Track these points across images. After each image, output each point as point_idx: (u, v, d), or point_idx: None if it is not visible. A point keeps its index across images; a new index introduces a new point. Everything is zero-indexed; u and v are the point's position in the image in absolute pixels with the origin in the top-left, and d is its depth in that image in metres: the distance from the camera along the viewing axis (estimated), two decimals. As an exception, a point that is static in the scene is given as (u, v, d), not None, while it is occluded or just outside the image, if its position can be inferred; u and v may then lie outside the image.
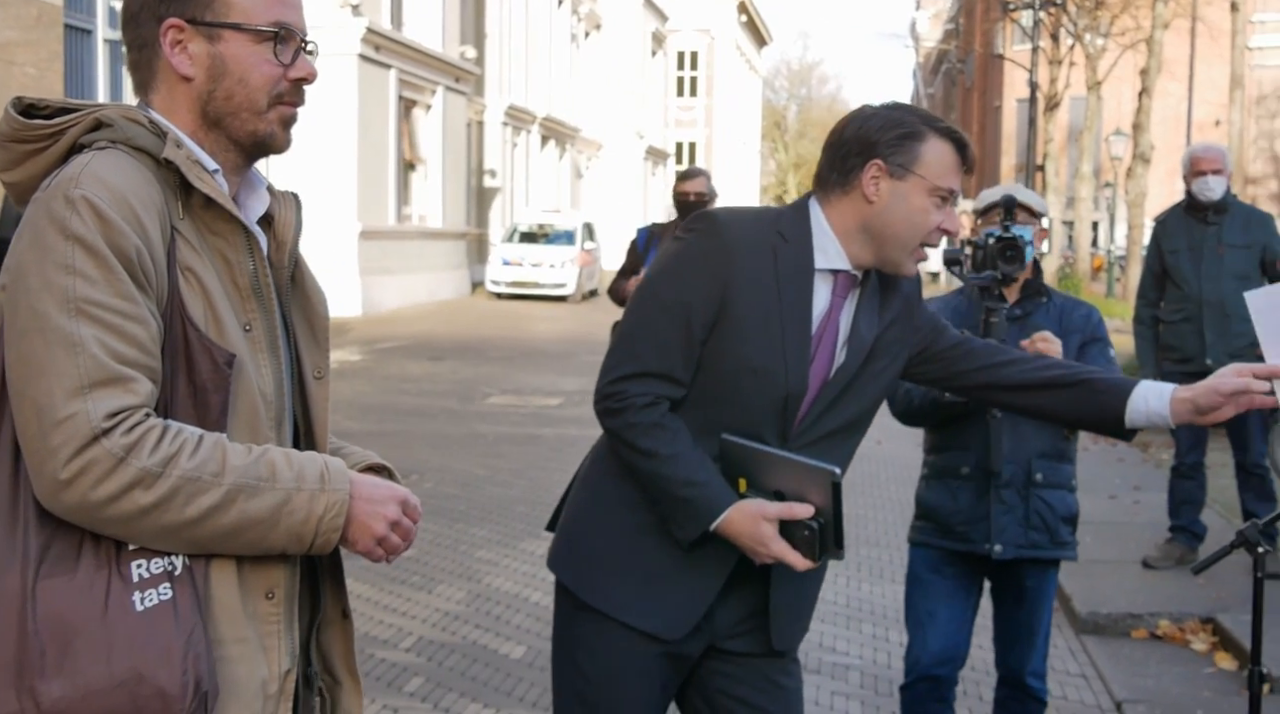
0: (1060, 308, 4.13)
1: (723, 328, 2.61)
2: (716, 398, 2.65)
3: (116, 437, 1.71)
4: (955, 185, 2.66)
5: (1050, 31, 32.71)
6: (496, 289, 29.62)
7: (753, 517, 2.57)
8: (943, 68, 71.56)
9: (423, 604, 6.40)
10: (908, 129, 2.65)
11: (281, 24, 1.98)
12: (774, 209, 2.77)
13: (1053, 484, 4.06)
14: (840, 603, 6.74)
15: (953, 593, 4.16)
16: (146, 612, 1.74)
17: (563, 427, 12.20)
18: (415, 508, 1.98)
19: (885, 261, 2.71)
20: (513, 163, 36.50)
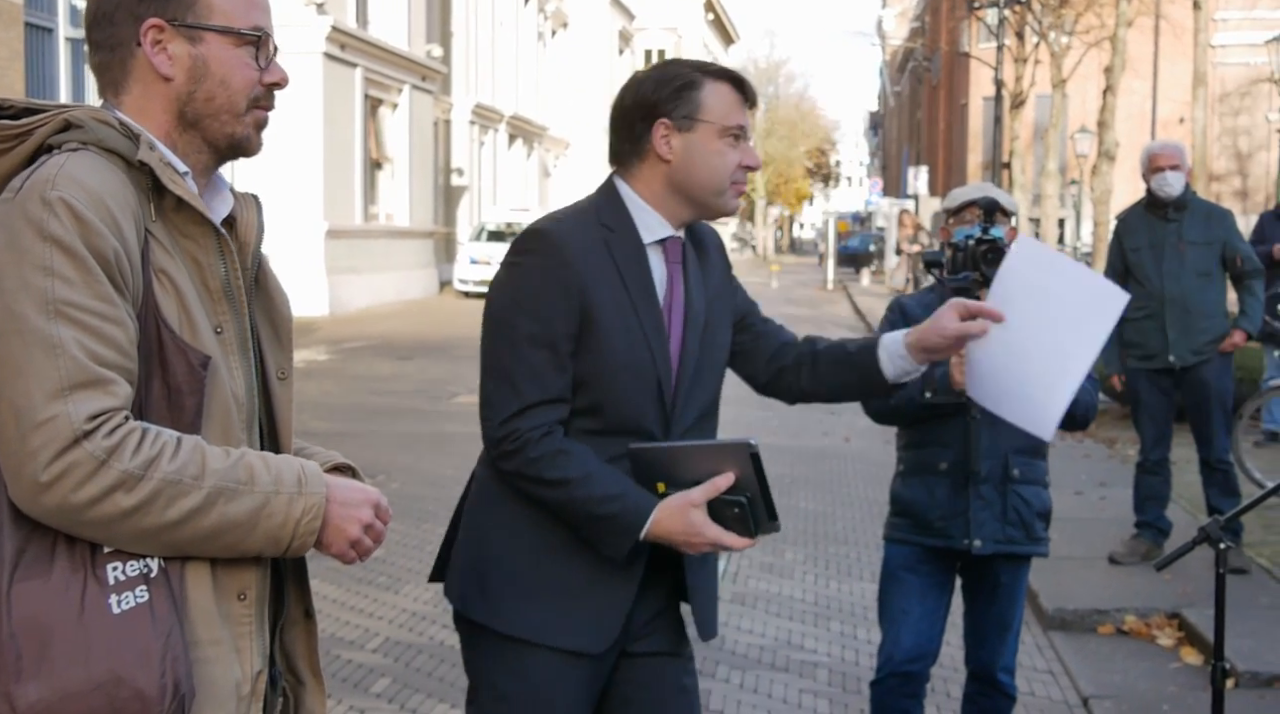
0: None
1: (587, 336, 2.60)
2: (596, 404, 2.63)
3: (98, 439, 1.70)
4: (743, 121, 2.71)
5: (1015, 29, 32.84)
6: (464, 288, 29.55)
7: (680, 510, 2.54)
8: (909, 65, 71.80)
9: (389, 605, 6.37)
10: (683, 80, 2.69)
11: (260, 28, 1.99)
12: (587, 201, 2.78)
13: (1029, 480, 4.08)
14: (809, 600, 6.75)
15: (927, 590, 4.17)
16: (123, 614, 1.74)
17: (531, 426, 12.16)
18: (386, 510, 2.00)
19: (704, 209, 2.73)
20: (480, 161, 36.44)
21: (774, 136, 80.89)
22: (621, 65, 51.64)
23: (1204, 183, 25.26)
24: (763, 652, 5.94)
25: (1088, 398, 3.97)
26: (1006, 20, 29.55)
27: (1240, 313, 7.03)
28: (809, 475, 10.01)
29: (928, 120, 65.06)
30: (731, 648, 5.96)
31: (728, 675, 5.61)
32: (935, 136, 62.22)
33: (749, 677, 5.61)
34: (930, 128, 64.20)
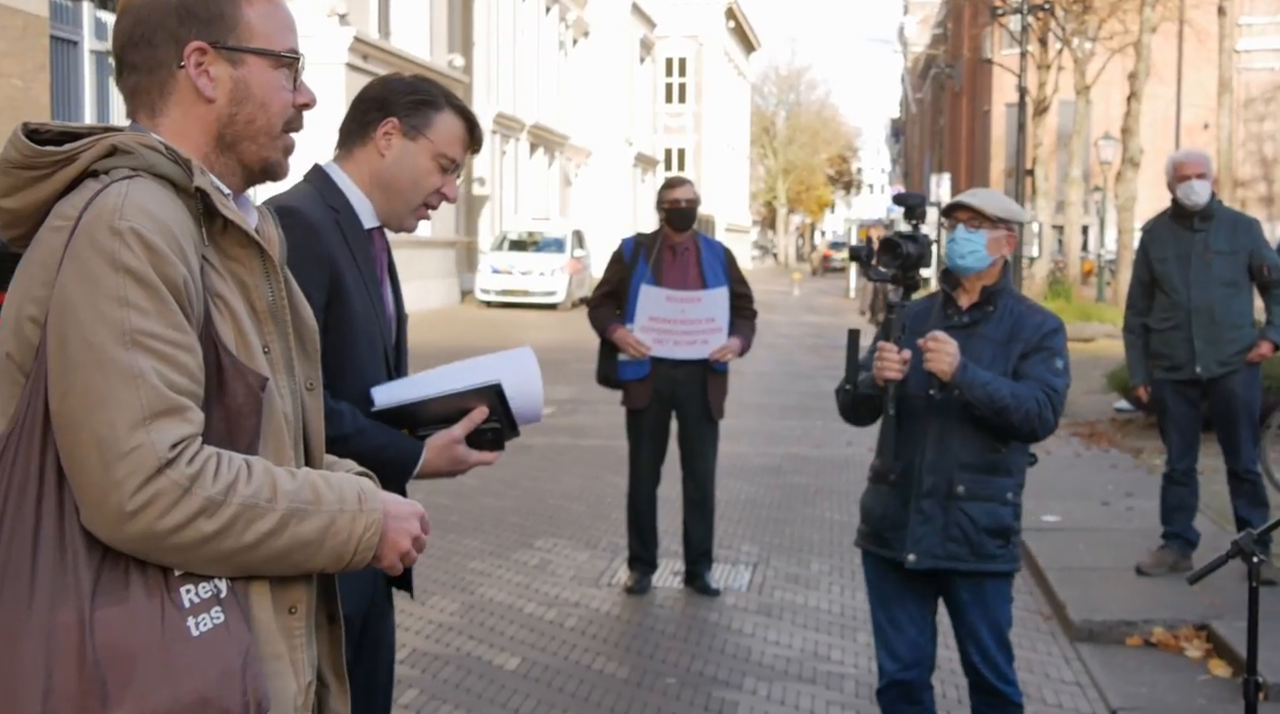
0: (1016, 316, 4.10)
1: (336, 307, 2.81)
2: (338, 371, 2.77)
3: (181, 466, 1.73)
4: (459, 157, 2.97)
5: (1039, 36, 32.77)
6: (486, 297, 29.61)
7: (445, 446, 2.84)
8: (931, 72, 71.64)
9: (416, 616, 6.37)
10: (426, 97, 2.96)
11: (295, 50, 2.02)
12: (304, 186, 2.98)
13: (977, 496, 4.03)
14: (835, 612, 6.73)
15: (904, 598, 4.19)
16: (202, 636, 1.77)
17: (554, 436, 12.17)
18: (428, 521, 2.06)
19: (390, 215, 2.98)
20: (501, 171, 36.49)
21: (795, 144, 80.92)
22: (643, 74, 51.70)
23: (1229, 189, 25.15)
24: (789, 663, 5.93)
25: (1031, 407, 3.93)
26: (1030, 26, 29.46)
27: (1267, 323, 6.98)
28: (833, 485, 9.99)
29: (950, 127, 64.93)
30: (758, 659, 5.95)
31: (754, 687, 5.60)
32: (957, 143, 62.08)
33: (775, 688, 5.60)
34: (952, 135, 64.06)
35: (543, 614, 6.51)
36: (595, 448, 11.39)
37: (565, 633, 6.22)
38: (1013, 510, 4.09)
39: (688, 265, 6.93)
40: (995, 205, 4.12)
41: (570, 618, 6.46)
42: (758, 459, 11.11)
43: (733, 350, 6.82)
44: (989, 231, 4.07)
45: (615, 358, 6.92)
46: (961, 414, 3.98)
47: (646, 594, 6.92)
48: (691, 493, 7.09)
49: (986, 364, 3.99)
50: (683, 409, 7.00)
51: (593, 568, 7.42)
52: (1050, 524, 8.28)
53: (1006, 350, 4.04)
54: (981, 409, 3.91)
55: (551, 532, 8.27)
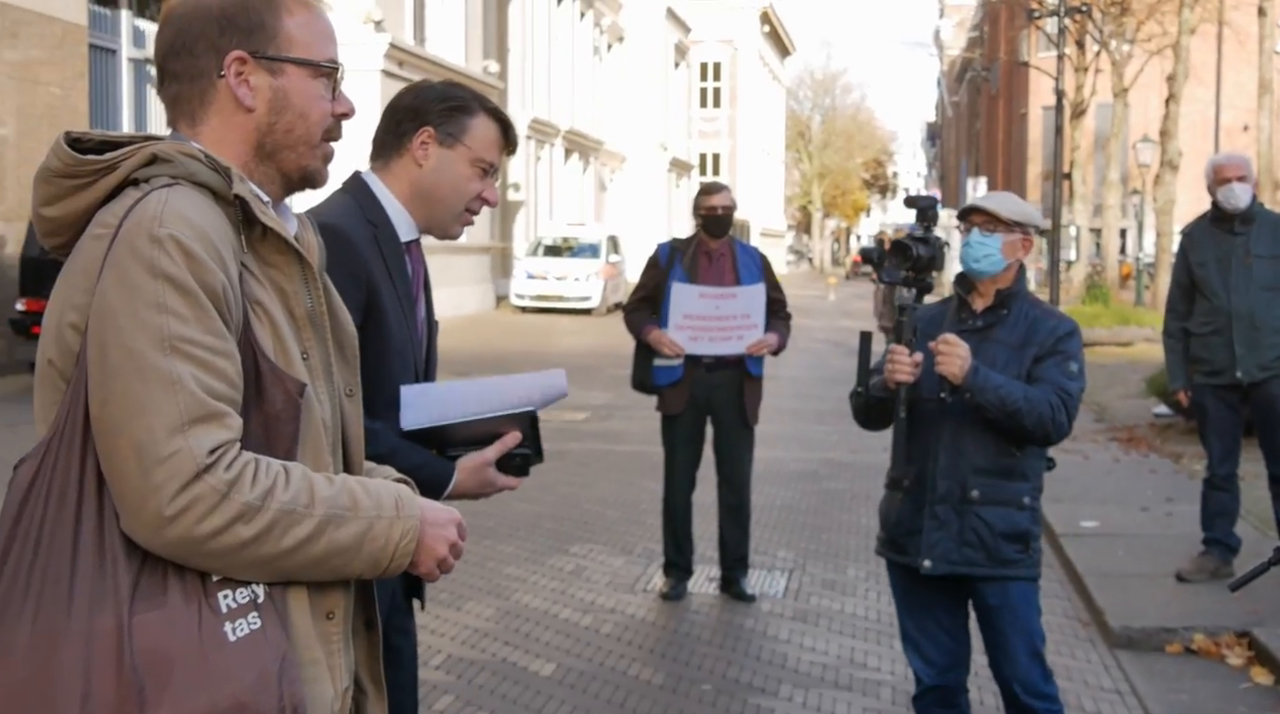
0: (1031, 320, 4.08)
1: (371, 323, 2.80)
2: (371, 387, 2.76)
3: (219, 472, 1.74)
4: (496, 160, 2.98)
5: (1076, 38, 32.59)
6: (521, 303, 29.65)
7: (477, 469, 2.82)
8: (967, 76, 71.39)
9: (452, 622, 6.38)
10: (459, 103, 2.95)
11: (334, 60, 2.03)
12: (344, 198, 2.96)
13: (993, 501, 4.01)
14: (871, 618, 6.70)
15: (932, 605, 4.17)
16: (240, 641, 1.77)
17: (589, 441, 12.18)
18: (465, 528, 2.06)
19: (433, 223, 2.99)
20: (536, 176, 36.55)
21: (831, 148, 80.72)
22: (677, 79, 51.70)
23: (1269, 191, 24.92)
24: (825, 670, 5.90)
25: (1044, 410, 3.90)
26: (1067, 29, 29.31)
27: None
28: (870, 491, 9.93)
29: (986, 131, 64.65)
30: (794, 666, 5.92)
31: (790, 694, 5.58)
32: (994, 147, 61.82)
33: (811, 695, 5.57)
34: (989, 138, 63.80)
35: (578, 620, 6.51)
36: (630, 453, 11.38)
37: (600, 639, 6.22)
38: (1030, 515, 4.06)
39: (724, 270, 6.92)
40: (1010, 209, 4.09)
41: (606, 624, 6.46)
42: (793, 464, 11.08)
43: (769, 345, 6.81)
44: (1004, 235, 4.05)
45: (650, 363, 6.91)
46: (975, 418, 3.96)
47: (682, 600, 6.91)
48: (727, 498, 7.07)
49: (1000, 368, 3.97)
50: (718, 414, 6.98)
51: (628, 574, 7.41)
52: (1089, 530, 8.22)
53: (1020, 354, 4.02)
54: (993, 412, 3.89)
55: (587, 537, 8.27)
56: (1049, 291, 23.91)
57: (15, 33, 15.08)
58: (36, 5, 15.27)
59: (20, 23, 15.11)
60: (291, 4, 1.99)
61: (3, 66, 14.93)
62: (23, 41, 15.18)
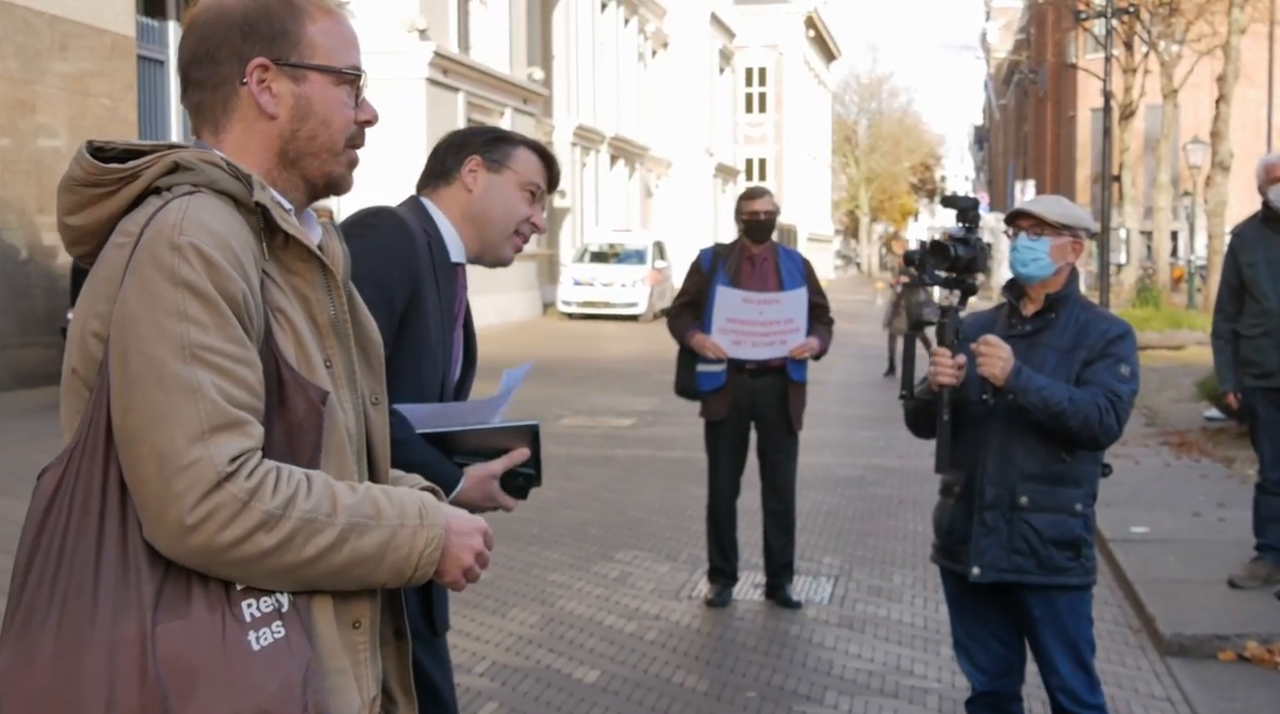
0: (1081, 323, 4.02)
1: (408, 323, 2.84)
2: (398, 385, 2.78)
3: (240, 480, 1.73)
4: (542, 184, 3.06)
5: (1124, 39, 32.31)
6: (568, 309, 29.70)
7: (483, 480, 2.82)
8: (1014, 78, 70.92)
9: (496, 628, 6.38)
10: (501, 134, 3.09)
11: (356, 67, 2.02)
12: (401, 208, 3.02)
13: (1043, 508, 3.96)
14: (918, 625, 6.64)
15: (983, 613, 4.14)
16: (263, 650, 1.77)
17: (635, 447, 12.17)
18: (492, 537, 2.05)
19: (487, 247, 3.06)
20: (582, 183, 36.60)
21: (877, 152, 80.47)
22: (722, 84, 51.64)
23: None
24: (871, 677, 5.85)
25: (1091, 413, 3.84)
26: (1114, 30, 29.06)
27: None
28: (917, 497, 9.87)
29: (1034, 133, 64.23)
30: (840, 673, 5.88)
31: (836, 702, 5.53)
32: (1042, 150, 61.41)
33: (857, 703, 5.53)
34: (1037, 141, 63.38)
35: (622, 627, 6.49)
36: (676, 460, 11.35)
37: (645, 646, 6.20)
38: (1082, 521, 4.00)
39: (766, 275, 6.89)
40: (1057, 212, 4.05)
41: (650, 631, 6.43)
42: (840, 470, 11.02)
43: (811, 348, 6.78)
44: (1052, 239, 4.00)
45: (693, 368, 6.89)
46: (1023, 424, 3.92)
47: (727, 607, 6.88)
48: (772, 505, 7.04)
49: (1049, 372, 3.92)
50: (762, 420, 6.95)
51: (673, 580, 7.39)
52: (1139, 535, 8.12)
53: (1070, 358, 3.97)
54: (1037, 415, 3.85)
55: (632, 544, 8.25)
56: (1099, 295, 23.68)
57: (65, 45, 15.24)
58: (86, 17, 15.43)
59: (70, 35, 15.27)
60: (314, 10, 1.99)
61: (54, 79, 15.08)
62: (73, 54, 15.34)
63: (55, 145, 14.85)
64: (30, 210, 14.51)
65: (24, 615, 1.76)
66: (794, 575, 7.08)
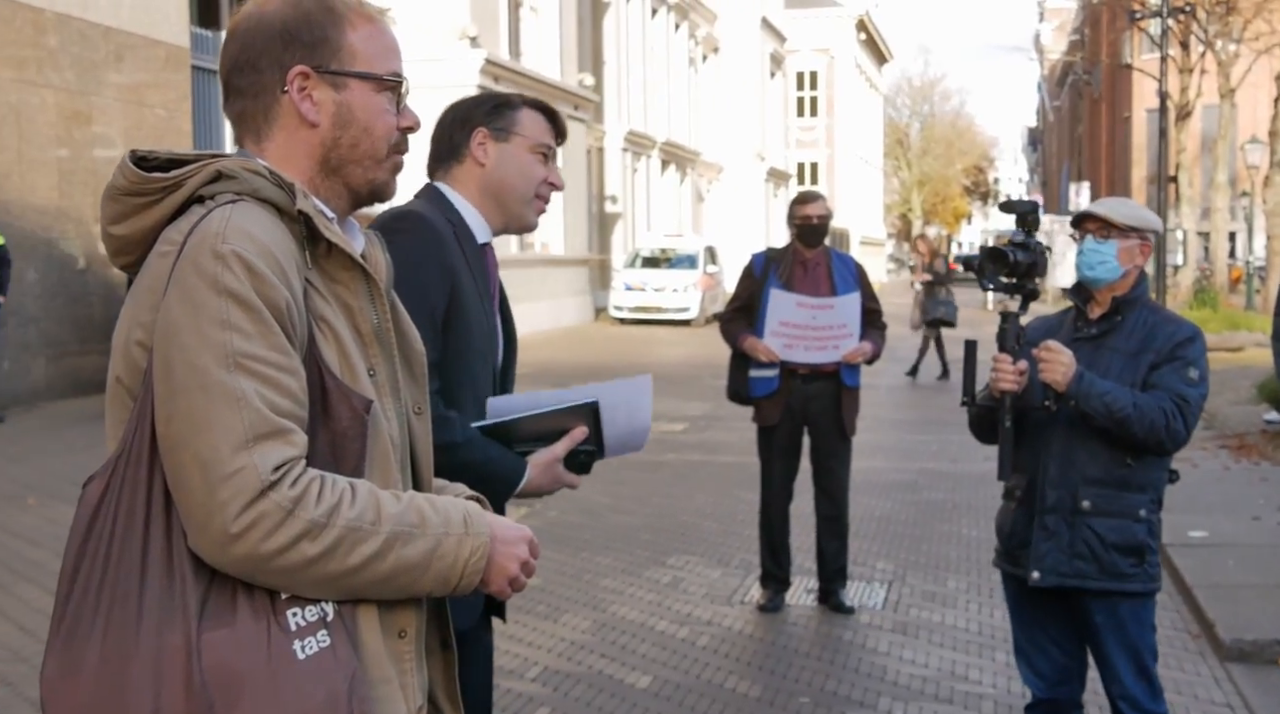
0: (1149, 326, 3.95)
1: (451, 317, 2.84)
2: (453, 381, 2.83)
3: (284, 489, 1.72)
4: (552, 143, 3.05)
5: (1180, 39, 31.97)
6: (620, 315, 29.72)
7: (547, 465, 2.84)
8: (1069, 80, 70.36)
9: (548, 634, 6.38)
10: (501, 100, 3.04)
11: (397, 74, 2.01)
12: (419, 202, 3.02)
13: (1106, 512, 3.89)
14: (972, 630, 6.58)
15: (1044, 619, 4.09)
16: (309, 659, 1.76)
17: (686, 452, 12.15)
18: (537, 546, 2.03)
19: (510, 217, 3.04)
20: (634, 188, 36.63)
21: (930, 155, 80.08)
22: (773, 89, 51.53)
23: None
24: (925, 683, 5.80)
25: (1156, 418, 3.78)
26: (1170, 30, 28.78)
27: None
28: (971, 501, 9.79)
29: (1089, 135, 63.68)
30: (893, 679, 5.83)
31: (890, 707, 5.49)
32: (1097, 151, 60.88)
33: (911, 708, 5.49)
34: (1092, 142, 62.84)
35: (675, 632, 6.47)
36: (729, 464, 11.33)
37: (697, 651, 6.18)
38: (1147, 527, 3.93)
39: (819, 280, 6.86)
40: (1124, 213, 3.98)
41: (702, 636, 6.41)
42: (893, 475, 10.95)
43: (865, 353, 6.75)
44: (1119, 241, 3.94)
45: (746, 373, 6.87)
46: (1086, 428, 3.86)
47: (779, 612, 6.85)
48: (825, 510, 7.00)
49: (1115, 376, 3.86)
50: (815, 425, 6.92)
51: (725, 585, 7.37)
52: (1198, 540, 8.02)
53: (1136, 361, 3.90)
54: (1101, 420, 3.79)
55: (684, 549, 8.23)
56: (1156, 297, 23.46)
57: (121, 56, 15.43)
58: (141, 29, 15.62)
59: (125, 46, 15.46)
60: (354, 17, 1.98)
61: (110, 89, 15.27)
62: (128, 65, 15.53)
63: (111, 156, 15.03)
64: (88, 220, 14.69)
65: (70, 624, 1.76)
66: (847, 580, 7.04)
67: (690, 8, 41.97)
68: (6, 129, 13.99)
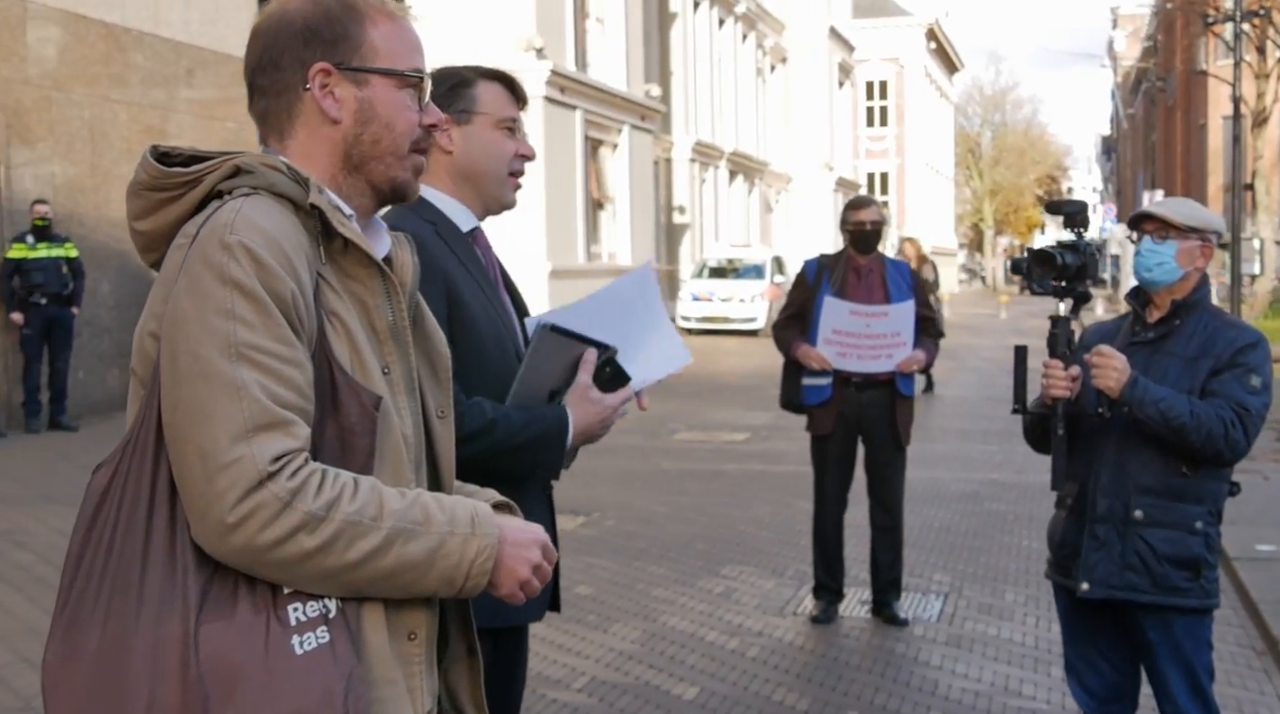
0: (1209, 331, 3.83)
1: (456, 319, 2.80)
2: (472, 377, 2.79)
3: (282, 480, 1.72)
4: (516, 115, 2.98)
5: (1255, 44, 31.48)
6: (687, 325, 29.66)
7: (582, 398, 2.82)
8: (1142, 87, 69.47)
9: (597, 644, 6.35)
10: (456, 80, 2.94)
11: (419, 70, 2.02)
12: (396, 208, 2.88)
13: (1159, 523, 3.78)
14: (1029, 644, 6.48)
15: (1096, 634, 4.00)
16: (306, 655, 1.75)
17: (747, 462, 12.09)
18: (552, 551, 2.00)
19: (488, 199, 2.98)
20: (701, 198, 36.59)
21: (1001, 164, 79.31)
22: (842, 98, 51.32)
23: None
24: (977, 698, 5.71)
25: (1214, 427, 3.67)
26: (1245, 34, 28.32)
27: None
28: (1033, 513, 9.65)
29: (1163, 142, 62.83)
30: (945, 693, 5.75)
31: (940, 722, 5.41)
32: (1172, 159, 60.03)
33: (963, 723, 5.40)
34: (1166, 150, 61.99)
35: (724, 643, 6.42)
36: (788, 474, 11.25)
37: (746, 663, 6.12)
38: (1203, 540, 3.80)
39: (873, 287, 6.79)
40: (1184, 214, 3.87)
41: (752, 648, 6.36)
42: (954, 485, 10.82)
43: (918, 361, 6.68)
44: (1179, 242, 3.83)
45: (799, 381, 6.81)
46: (1141, 435, 3.76)
47: (832, 624, 6.77)
48: (879, 520, 6.93)
49: (1171, 382, 3.75)
50: (869, 435, 6.85)
51: (778, 596, 7.31)
52: (1265, 554, 7.85)
53: (1194, 367, 3.78)
54: (1156, 427, 3.69)
55: (738, 559, 8.18)
56: (1230, 306, 23.06)
57: (193, 71, 15.65)
58: (213, 44, 15.83)
59: (198, 62, 15.68)
60: (376, 14, 1.98)
61: (182, 104, 15.49)
62: (199, 79, 15.74)
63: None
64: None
65: (72, 611, 1.77)
66: (901, 592, 6.95)
67: (758, 18, 41.91)
68: (81, 143, 14.22)
